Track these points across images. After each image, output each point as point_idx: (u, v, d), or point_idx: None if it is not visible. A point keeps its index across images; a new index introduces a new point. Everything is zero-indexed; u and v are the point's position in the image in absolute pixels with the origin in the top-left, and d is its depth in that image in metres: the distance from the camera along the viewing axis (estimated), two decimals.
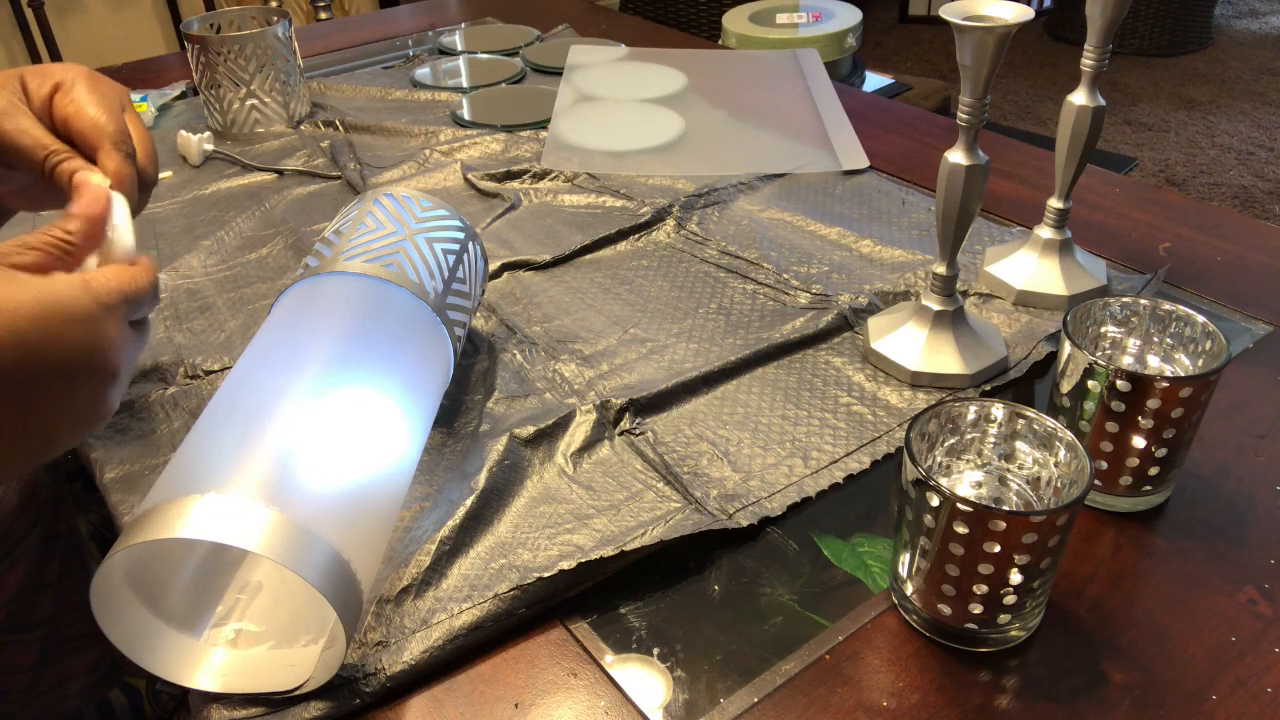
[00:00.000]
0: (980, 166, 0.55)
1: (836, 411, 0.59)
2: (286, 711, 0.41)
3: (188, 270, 0.76)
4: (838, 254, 0.75)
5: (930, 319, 0.60)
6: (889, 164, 0.90)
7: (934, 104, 1.86)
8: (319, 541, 0.39)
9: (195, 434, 0.43)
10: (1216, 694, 0.42)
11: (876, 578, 0.48)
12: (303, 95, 1.03)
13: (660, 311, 0.68)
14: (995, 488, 0.46)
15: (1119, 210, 0.80)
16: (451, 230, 0.58)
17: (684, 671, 0.44)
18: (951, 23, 0.51)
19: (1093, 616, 0.45)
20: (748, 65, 1.16)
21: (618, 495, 0.52)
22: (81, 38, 2.21)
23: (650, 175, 0.88)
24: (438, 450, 0.56)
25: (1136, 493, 0.50)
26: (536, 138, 0.97)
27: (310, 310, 0.50)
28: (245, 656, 0.43)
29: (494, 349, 0.64)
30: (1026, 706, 0.41)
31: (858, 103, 1.04)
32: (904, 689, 0.42)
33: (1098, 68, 0.61)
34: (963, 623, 0.43)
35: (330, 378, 0.45)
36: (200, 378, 0.63)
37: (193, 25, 0.98)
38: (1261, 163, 2.60)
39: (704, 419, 0.58)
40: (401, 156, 0.93)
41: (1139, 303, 0.52)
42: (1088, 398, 0.48)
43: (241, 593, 0.46)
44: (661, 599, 0.47)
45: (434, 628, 0.44)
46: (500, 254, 0.76)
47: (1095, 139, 0.64)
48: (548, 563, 0.47)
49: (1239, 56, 3.31)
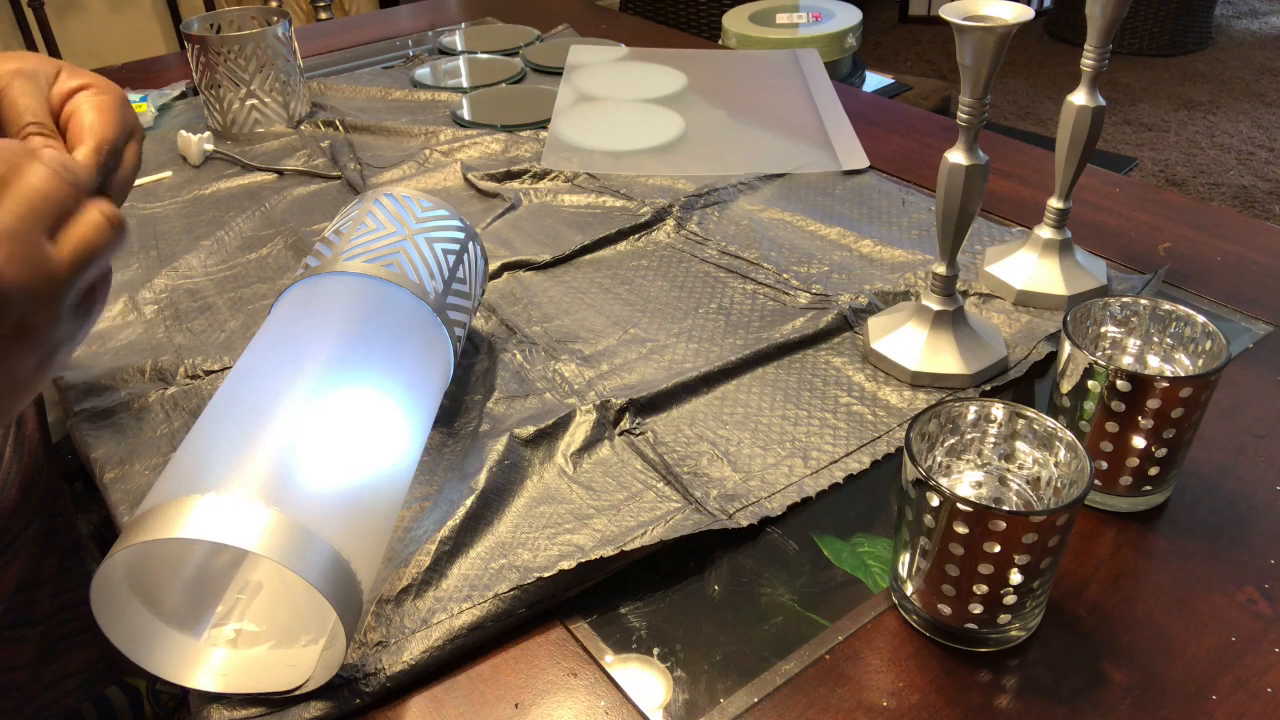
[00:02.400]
0: (980, 166, 0.55)
1: (836, 411, 0.59)
2: (286, 711, 0.42)
3: (188, 270, 0.76)
4: (838, 254, 0.75)
5: (930, 319, 0.60)
6: (889, 164, 0.90)
7: (934, 104, 1.86)
8: (319, 541, 0.39)
9: (195, 434, 0.43)
10: (1216, 694, 0.42)
11: (876, 578, 0.48)
12: (303, 95, 1.03)
13: (660, 311, 0.68)
14: (995, 488, 0.46)
15: (1119, 210, 0.80)
16: (451, 230, 0.58)
17: (684, 671, 0.44)
18: (951, 23, 0.51)
19: (1093, 616, 0.45)
20: (748, 65, 1.16)
21: (618, 495, 0.52)
22: (81, 38, 2.21)
23: (650, 175, 0.88)
24: (438, 450, 0.56)
25: (1136, 493, 0.50)
26: (536, 138, 0.97)
27: (310, 310, 0.50)
28: (245, 656, 0.43)
29: (494, 349, 0.64)
30: (1026, 706, 0.41)
31: (858, 103, 1.04)
32: (904, 689, 0.42)
33: (1098, 68, 0.61)
34: (963, 623, 0.43)
35: (330, 378, 0.45)
36: (200, 378, 0.63)
37: (193, 25, 0.98)
38: (1261, 163, 2.60)
39: (704, 419, 0.58)
40: (401, 156, 0.93)
41: (1139, 303, 0.52)
42: (1088, 398, 0.48)
43: (241, 593, 0.46)
44: (661, 599, 0.47)
45: (434, 628, 0.44)
46: (500, 254, 0.76)
47: (1095, 139, 0.64)
48: (548, 563, 0.47)
49: (1239, 56, 3.31)
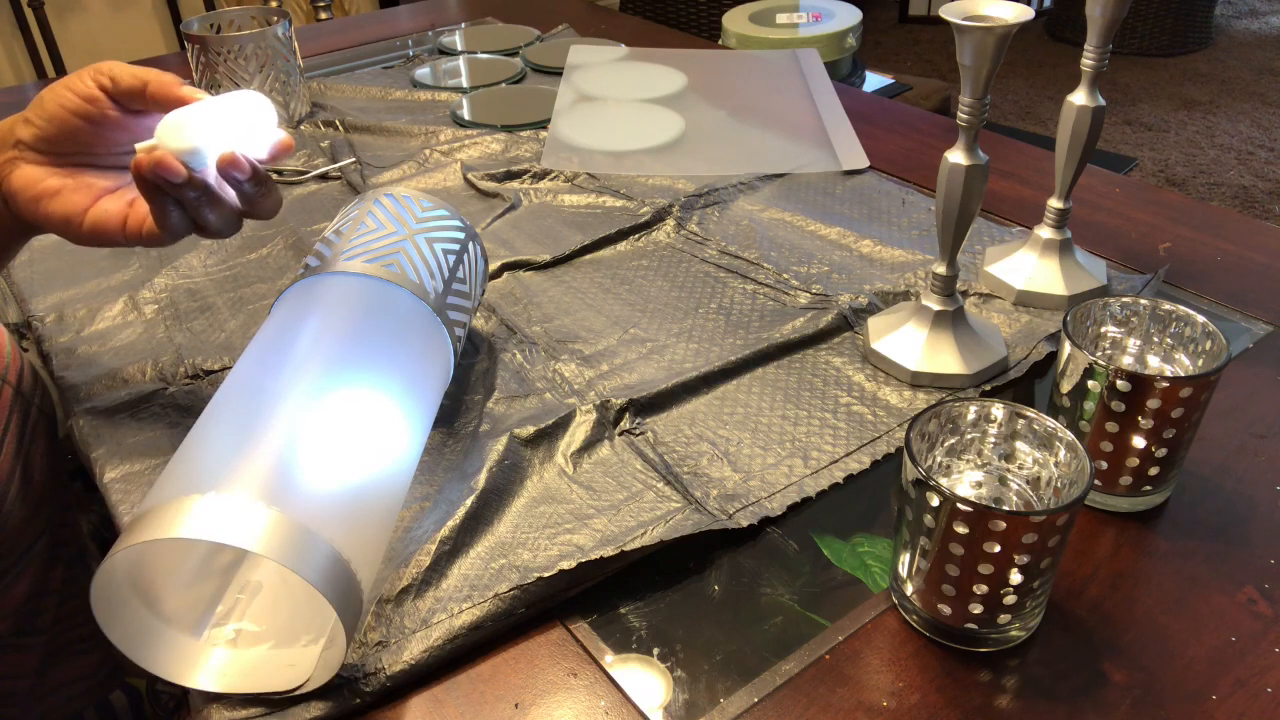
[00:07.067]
0: (980, 166, 0.55)
1: (836, 411, 0.59)
2: (287, 711, 0.41)
3: (188, 270, 0.76)
4: (838, 254, 0.75)
5: (930, 319, 0.60)
6: (889, 164, 0.90)
7: (934, 104, 1.86)
8: (319, 541, 0.39)
9: (195, 434, 0.43)
10: (1216, 694, 0.42)
11: (876, 578, 0.48)
12: (303, 95, 1.03)
13: (660, 311, 0.68)
14: (995, 488, 0.46)
15: (1119, 210, 0.80)
16: (451, 230, 0.58)
17: (684, 671, 0.44)
18: (951, 23, 0.51)
19: (1093, 616, 0.45)
20: (748, 65, 1.16)
21: (618, 495, 0.52)
22: (81, 38, 2.21)
23: (650, 175, 0.88)
24: (438, 450, 0.56)
25: (1136, 493, 0.50)
26: (536, 138, 0.97)
27: (310, 310, 0.50)
28: (245, 656, 0.43)
29: (494, 349, 0.64)
30: (1026, 706, 0.41)
31: (858, 103, 1.04)
32: (904, 689, 0.42)
33: (1098, 68, 0.61)
34: (963, 623, 0.43)
35: (330, 378, 0.45)
36: (200, 378, 0.63)
37: (193, 25, 0.98)
38: (1261, 163, 2.60)
39: (704, 419, 0.58)
40: (401, 156, 0.93)
41: (1139, 303, 0.52)
42: (1088, 398, 0.48)
43: (241, 593, 0.46)
44: (661, 599, 0.47)
45: (434, 628, 0.44)
46: (500, 254, 0.76)
47: (1095, 139, 0.64)
48: (548, 563, 0.47)
49: (1239, 56, 3.31)
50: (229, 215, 0.51)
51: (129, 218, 0.51)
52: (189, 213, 0.50)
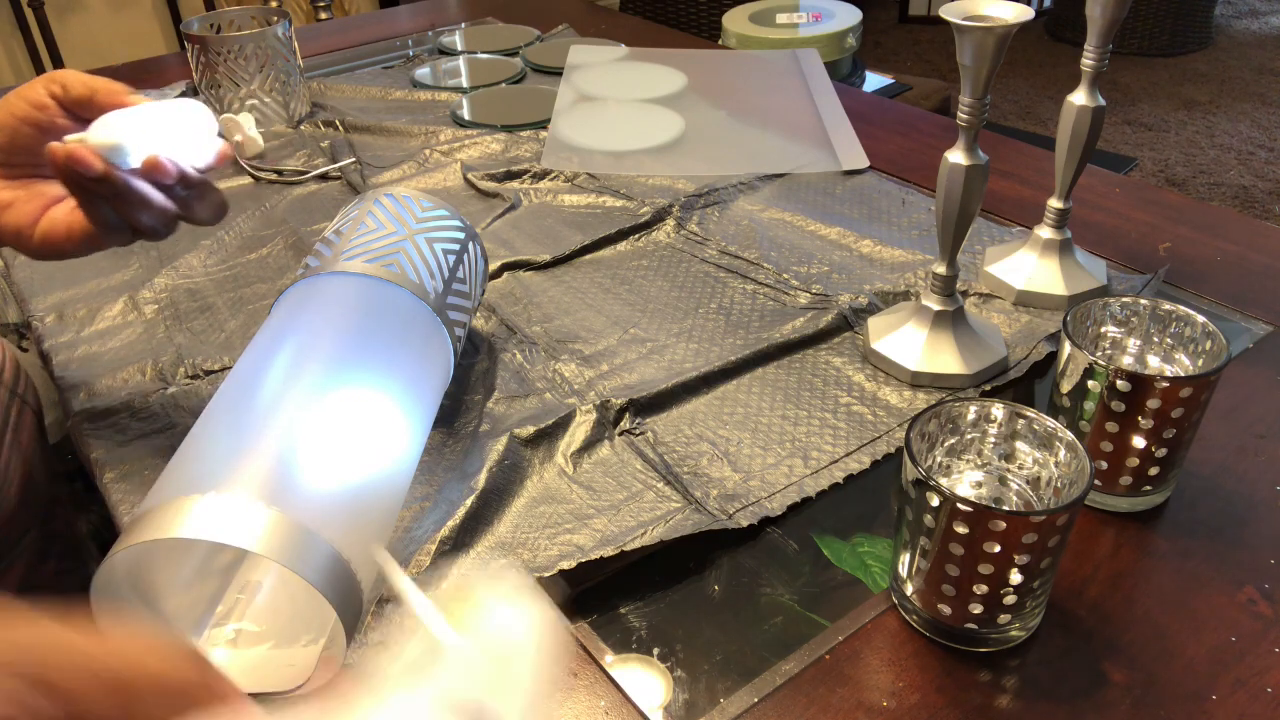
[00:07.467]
0: (980, 166, 0.55)
1: (836, 411, 0.59)
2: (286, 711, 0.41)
3: (188, 270, 0.76)
4: (838, 254, 0.75)
5: (930, 319, 0.60)
6: (889, 164, 0.90)
7: (934, 104, 1.86)
8: (319, 541, 0.39)
9: (195, 434, 0.43)
10: (1216, 694, 0.42)
11: (876, 578, 0.48)
12: (303, 95, 1.03)
13: (660, 311, 0.68)
14: (995, 488, 0.46)
15: (1119, 210, 0.80)
16: (451, 230, 0.58)
17: (684, 671, 0.44)
18: (951, 23, 0.51)
19: (1093, 616, 0.45)
20: (748, 65, 1.16)
21: (618, 495, 0.52)
22: (81, 38, 2.21)
23: (650, 175, 0.88)
24: (438, 450, 0.56)
25: (1136, 493, 0.50)
26: (536, 138, 0.97)
27: (310, 310, 0.50)
28: (245, 656, 0.43)
29: (494, 349, 0.64)
30: (1026, 706, 0.41)
31: (858, 103, 1.04)
32: (904, 689, 0.42)
33: (1098, 68, 0.61)
34: (963, 623, 0.43)
35: (330, 378, 0.45)
36: (200, 378, 0.63)
37: (193, 25, 0.98)
38: (1261, 163, 2.60)
39: (704, 419, 0.58)
40: (401, 156, 0.93)
41: (1139, 303, 0.52)
42: (1088, 398, 0.48)
43: (241, 593, 0.46)
44: (661, 599, 0.47)
45: None
46: (500, 254, 0.76)
47: (1095, 139, 0.64)
48: (548, 563, 0.47)
49: (1239, 56, 3.31)
50: (160, 216, 0.50)
51: (73, 224, 0.51)
52: (118, 211, 0.50)
